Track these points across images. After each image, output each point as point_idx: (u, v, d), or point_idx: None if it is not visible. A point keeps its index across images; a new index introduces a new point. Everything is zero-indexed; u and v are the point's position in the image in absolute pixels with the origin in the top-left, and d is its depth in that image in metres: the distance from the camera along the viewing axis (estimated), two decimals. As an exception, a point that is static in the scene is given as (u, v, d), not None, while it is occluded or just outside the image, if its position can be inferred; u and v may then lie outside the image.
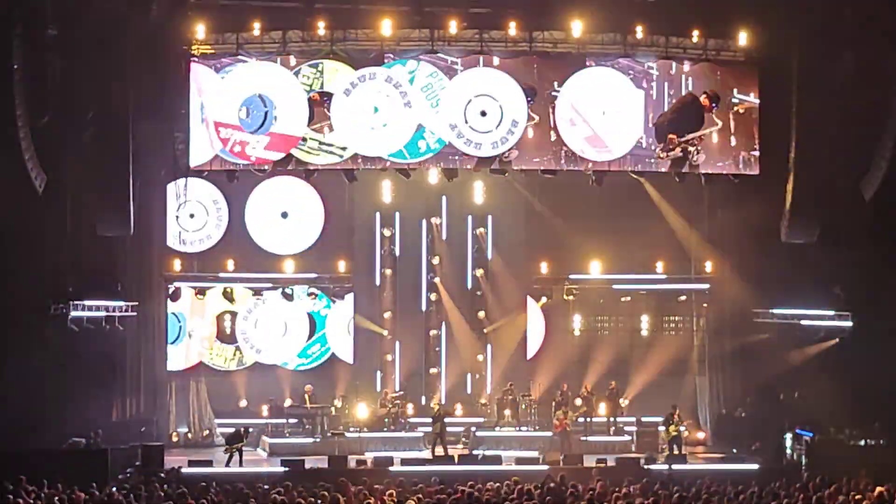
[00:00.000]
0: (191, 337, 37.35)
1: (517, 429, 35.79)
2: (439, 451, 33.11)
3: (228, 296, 37.39)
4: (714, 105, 34.25)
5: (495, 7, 33.63)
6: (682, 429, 33.88)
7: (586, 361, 38.15)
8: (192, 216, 37.04)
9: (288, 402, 36.40)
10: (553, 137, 33.82)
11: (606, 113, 33.97)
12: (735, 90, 34.35)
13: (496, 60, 33.79)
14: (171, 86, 33.40)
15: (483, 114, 33.66)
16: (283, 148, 33.56)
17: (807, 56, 33.33)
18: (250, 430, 33.41)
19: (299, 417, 35.73)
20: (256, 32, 33.18)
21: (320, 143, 33.69)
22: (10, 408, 30.18)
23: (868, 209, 33.44)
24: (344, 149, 33.70)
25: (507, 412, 36.04)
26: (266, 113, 33.46)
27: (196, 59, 33.49)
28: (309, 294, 37.53)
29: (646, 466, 30.69)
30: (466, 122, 33.60)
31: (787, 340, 35.13)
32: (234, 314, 37.64)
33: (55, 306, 32.14)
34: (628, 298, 38.11)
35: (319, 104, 33.50)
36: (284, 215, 37.80)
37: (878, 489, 23.01)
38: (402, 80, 33.61)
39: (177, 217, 36.75)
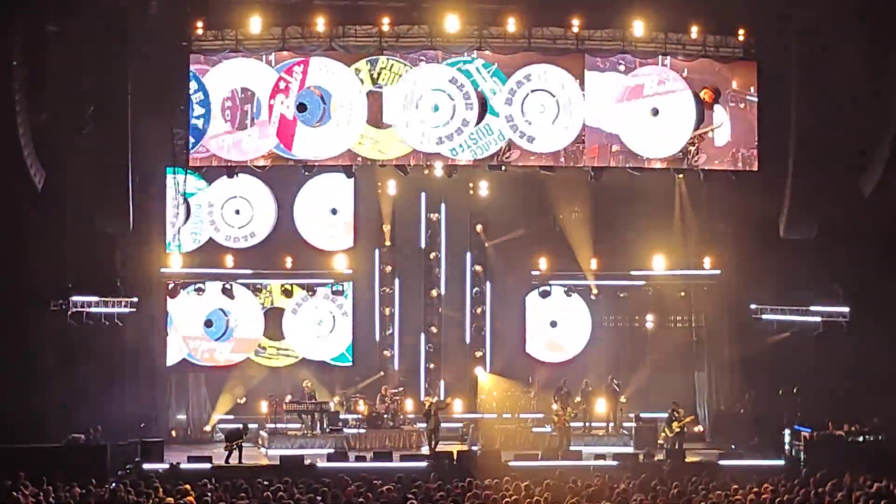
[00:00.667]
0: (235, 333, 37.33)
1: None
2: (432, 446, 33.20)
3: (288, 292, 37.37)
4: (716, 101, 34.27)
5: (493, 3, 33.61)
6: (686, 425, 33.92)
7: (585, 357, 38.15)
8: (237, 212, 36.99)
9: (288, 398, 36.38)
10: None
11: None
12: (734, 86, 34.34)
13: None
14: (170, 82, 33.40)
15: (541, 109, 34.04)
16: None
17: (806, 52, 33.35)
18: (249, 426, 33.40)
19: (298, 413, 35.71)
20: (255, 28, 33.15)
21: (374, 140, 33.99)
22: (9, 404, 30.23)
23: (867, 205, 33.51)
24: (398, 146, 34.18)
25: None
26: (324, 109, 33.66)
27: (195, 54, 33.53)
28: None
29: (644, 462, 30.73)
30: (524, 116, 33.99)
31: (786, 335, 35.14)
32: (281, 310, 37.63)
33: (54, 303, 32.18)
34: (626, 295, 38.03)
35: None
36: (334, 212, 37.88)
37: (877, 485, 23.10)
38: (463, 78, 33.97)
39: (221, 215, 36.90)
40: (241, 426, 32.55)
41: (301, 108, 33.60)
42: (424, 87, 33.87)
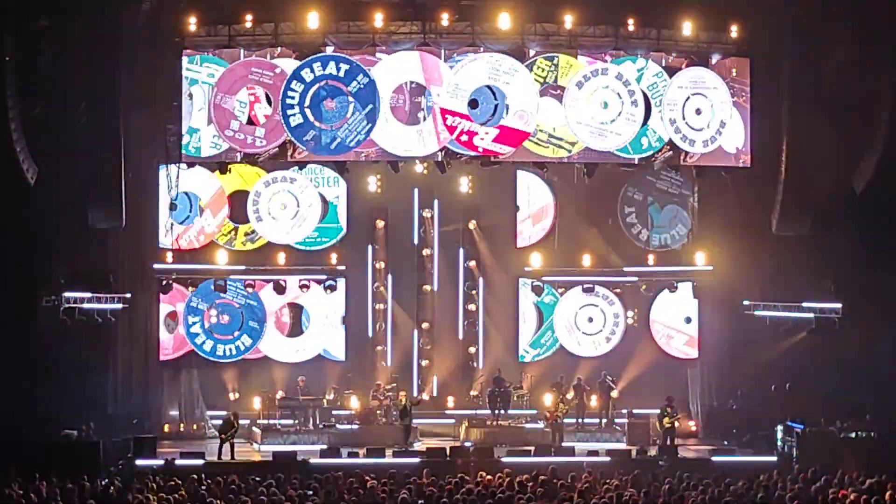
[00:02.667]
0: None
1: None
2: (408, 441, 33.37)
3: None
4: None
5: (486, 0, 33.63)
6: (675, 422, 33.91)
7: (578, 353, 38.18)
8: (284, 207, 36.97)
9: (280, 394, 36.38)
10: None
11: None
12: (726, 83, 34.38)
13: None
14: (163, 77, 33.37)
15: (698, 112, 34.01)
16: (513, 142, 33.73)
17: (798, 48, 33.38)
18: (240, 416, 33.30)
19: (291, 409, 35.70)
20: (248, 24, 33.13)
21: (549, 135, 33.94)
22: (1, 400, 30.19)
23: (859, 201, 33.56)
24: (573, 143, 34.01)
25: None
26: (496, 105, 33.52)
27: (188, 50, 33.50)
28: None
29: (637, 458, 30.76)
30: (684, 118, 33.95)
31: (778, 333, 35.16)
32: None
33: (47, 298, 32.13)
34: (619, 291, 38.05)
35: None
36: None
37: (869, 481, 23.15)
38: (631, 77, 33.92)
39: (268, 210, 36.93)
40: (230, 417, 32.45)
41: (473, 104, 33.64)
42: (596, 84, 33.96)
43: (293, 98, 32.93)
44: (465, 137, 33.50)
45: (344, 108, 33.07)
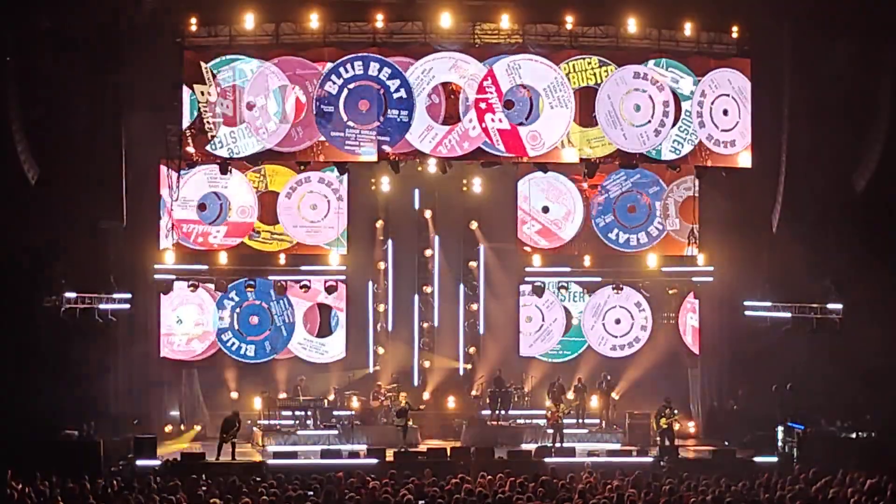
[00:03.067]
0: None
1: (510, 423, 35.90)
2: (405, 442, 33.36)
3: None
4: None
5: (486, 0, 33.66)
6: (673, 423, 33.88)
7: (579, 353, 38.19)
8: (313, 207, 37.04)
9: (282, 395, 36.40)
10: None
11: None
12: (728, 82, 34.40)
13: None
14: (163, 78, 33.38)
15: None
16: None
17: (799, 48, 33.39)
18: (240, 415, 33.31)
19: (292, 410, 35.71)
20: (249, 25, 33.16)
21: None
22: (2, 400, 30.20)
23: (860, 201, 33.55)
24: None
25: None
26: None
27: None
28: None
29: (637, 459, 30.78)
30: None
31: (778, 333, 35.14)
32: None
33: (48, 298, 32.16)
34: (620, 291, 38.06)
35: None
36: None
37: (869, 481, 23.15)
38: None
39: (298, 207, 37.14)
40: (232, 415, 32.45)
41: (508, 105, 33.79)
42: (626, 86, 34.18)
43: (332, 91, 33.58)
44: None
45: (379, 109, 33.67)
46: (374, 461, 30.18)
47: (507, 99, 33.73)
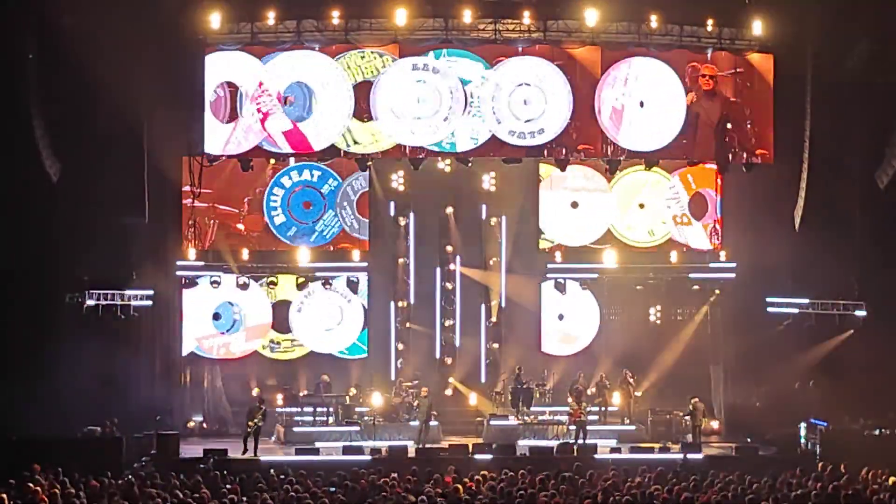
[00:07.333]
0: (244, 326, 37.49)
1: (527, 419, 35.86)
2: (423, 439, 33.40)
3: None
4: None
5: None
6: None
7: (600, 351, 38.13)
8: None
9: (303, 392, 36.42)
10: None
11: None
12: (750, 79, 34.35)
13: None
14: (185, 74, 33.42)
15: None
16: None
17: (822, 44, 33.28)
18: (264, 403, 33.39)
19: (314, 406, 35.74)
20: (271, 22, 33.20)
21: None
22: (25, 397, 30.29)
23: (883, 198, 33.45)
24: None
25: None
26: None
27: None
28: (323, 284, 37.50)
29: (660, 456, 30.73)
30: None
31: (801, 330, 35.09)
32: (287, 303, 37.73)
33: (70, 295, 32.23)
34: (641, 288, 38.02)
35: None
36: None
37: (893, 479, 23.07)
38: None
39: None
40: (256, 404, 32.53)
41: (287, 100, 33.79)
42: (411, 79, 34.04)
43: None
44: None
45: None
46: (395, 458, 30.15)
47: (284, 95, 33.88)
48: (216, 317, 36.95)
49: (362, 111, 33.90)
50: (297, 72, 33.79)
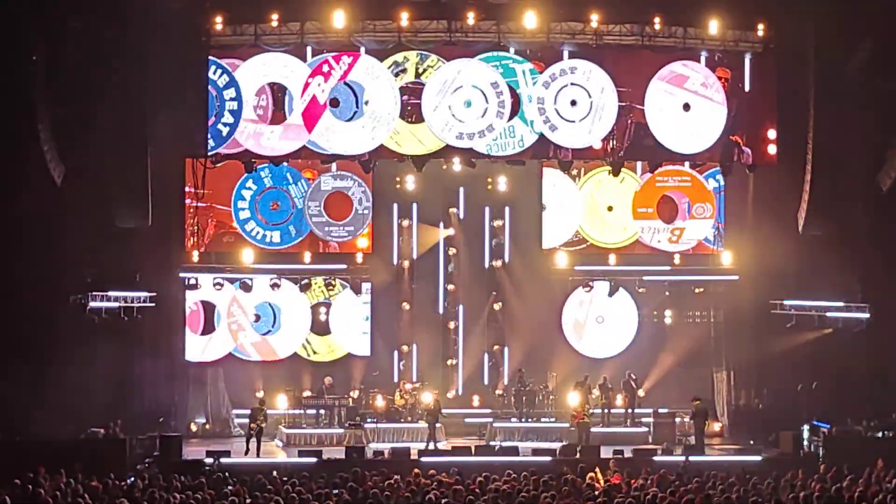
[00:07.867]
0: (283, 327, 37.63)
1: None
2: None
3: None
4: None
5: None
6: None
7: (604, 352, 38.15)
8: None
9: (307, 393, 36.44)
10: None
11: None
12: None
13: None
14: (188, 77, 33.45)
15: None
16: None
17: (825, 46, 33.28)
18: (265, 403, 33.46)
19: (317, 408, 35.75)
20: (275, 24, 33.24)
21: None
22: (29, 398, 30.33)
23: (885, 200, 33.45)
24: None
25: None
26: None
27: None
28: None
29: (662, 458, 30.74)
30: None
31: (803, 332, 35.06)
32: (328, 305, 37.79)
33: (74, 297, 32.26)
34: (644, 290, 38.00)
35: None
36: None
37: (895, 480, 23.08)
38: None
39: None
40: (258, 405, 32.60)
41: (333, 102, 33.75)
42: (464, 80, 34.09)
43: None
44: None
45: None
46: (398, 460, 30.17)
47: (332, 97, 33.90)
48: (256, 318, 37.07)
49: (409, 112, 34.09)
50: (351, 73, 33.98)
